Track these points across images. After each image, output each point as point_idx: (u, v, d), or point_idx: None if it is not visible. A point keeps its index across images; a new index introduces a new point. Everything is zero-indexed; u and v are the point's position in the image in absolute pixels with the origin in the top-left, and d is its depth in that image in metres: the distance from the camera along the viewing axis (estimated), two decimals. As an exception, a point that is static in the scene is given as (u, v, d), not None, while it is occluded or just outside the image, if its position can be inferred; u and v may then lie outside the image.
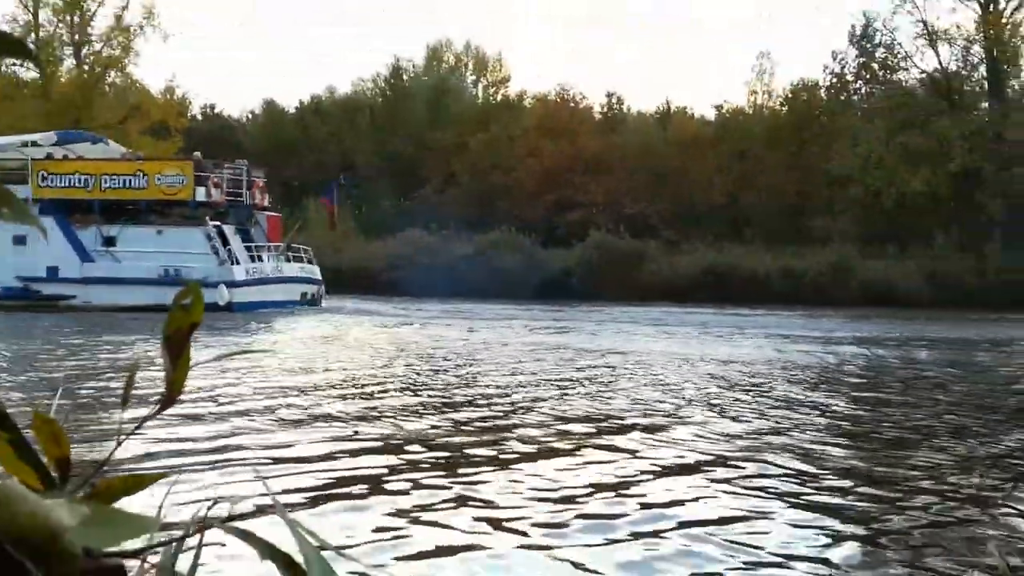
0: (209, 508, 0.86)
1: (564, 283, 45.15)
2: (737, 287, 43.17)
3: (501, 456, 8.61)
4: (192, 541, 0.79)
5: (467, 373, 16.42)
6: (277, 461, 7.66)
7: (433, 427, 10.02)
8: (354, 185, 53.09)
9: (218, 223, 33.99)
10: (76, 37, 53.21)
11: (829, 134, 50.92)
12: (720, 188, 51.92)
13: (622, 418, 10.55)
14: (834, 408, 11.70)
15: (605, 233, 47.02)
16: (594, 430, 9.54)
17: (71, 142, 37.68)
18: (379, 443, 9.00)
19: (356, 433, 9.32)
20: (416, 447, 8.90)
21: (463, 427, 10.38)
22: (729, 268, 45.00)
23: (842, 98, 53.34)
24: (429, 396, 12.89)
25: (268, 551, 0.73)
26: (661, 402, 11.94)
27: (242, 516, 0.79)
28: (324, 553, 0.78)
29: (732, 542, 5.45)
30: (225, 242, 33.76)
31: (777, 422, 10.19)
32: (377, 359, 18.46)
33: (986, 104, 49.12)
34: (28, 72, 52.62)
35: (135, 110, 52.98)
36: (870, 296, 41.59)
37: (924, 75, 50.27)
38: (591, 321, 28.49)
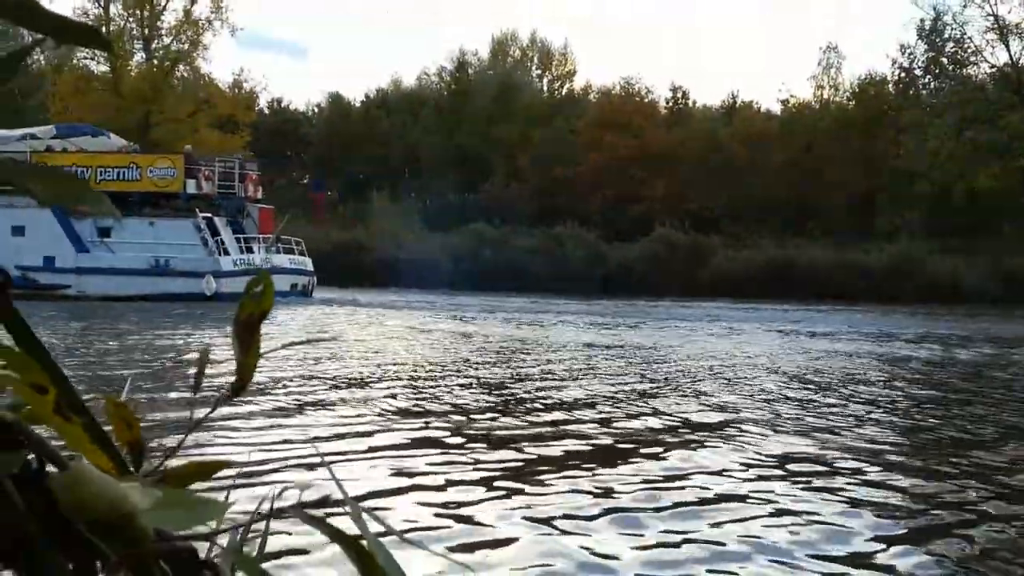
0: (277, 494, 0.85)
1: (627, 278, 44.61)
2: (800, 283, 42.83)
3: (563, 454, 7.92)
4: (259, 526, 0.79)
5: (527, 366, 15.21)
6: (341, 451, 7.29)
7: (495, 419, 9.45)
8: (418, 178, 53.37)
9: (209, 215, 33.92)
10: (146, 31, 53.61)
11: (897, 129, 50.95)
12: (786, 183, 51.69)
13: (688, 415, 9.79)
14: (901, 408, 11.01)
15: (669, 228, 46.79)
16: (663, 426, 8.94)
17: (71, 135, 37.84)
18: (441, 434, 8.45)
19: (421, 424, 8.80)
20: (476, 441, 8.33)
21: (525, 419, 9.65)
22: (793, 263, 44.97)
23: (911, 93, 53.18)
24: (490, 391, 11.80)
25: (336, 536, 0.73)
26: (722, 401, 11.10)
27: (309, 503, 0.79)
28: (388, 539, 0.79)
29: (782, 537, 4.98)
30: (215, 233, 33.64)
31: (840, 421, 9.52)
32: (429, 351, 17.24)
33: None
34: (99, 66, 53.09)
35: (204, 104, 53.34)
36: (937, 293, 41.28)
37: (995, 70, 50.04)
38: (655, 317, 27.57)
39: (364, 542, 0.71)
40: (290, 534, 2.82)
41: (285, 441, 7.24)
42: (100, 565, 0.66)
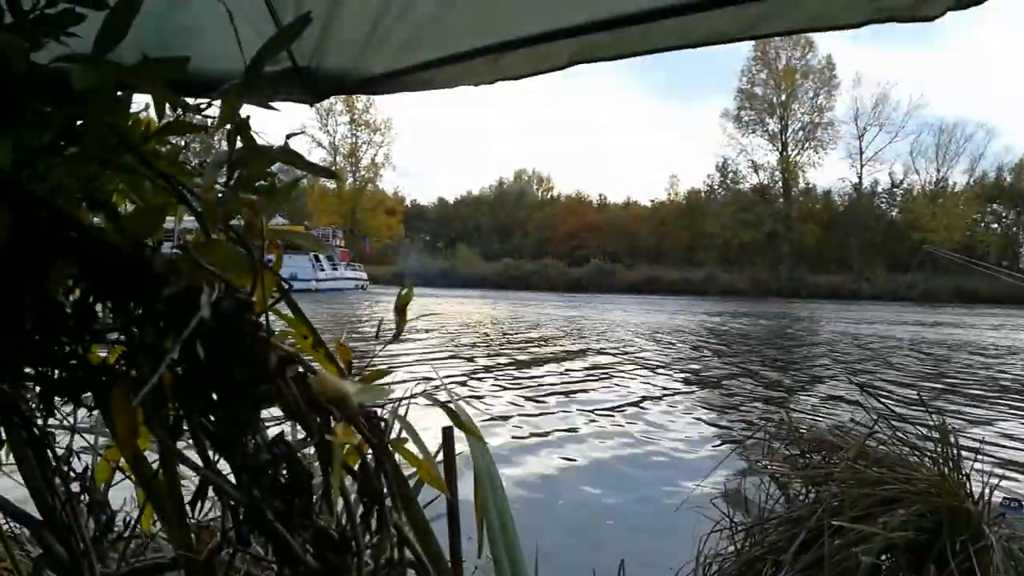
0: (414, 388, 1.01)
1: (577, 284, 54.04)
2: (661, 287, 51.62)
3: (534, 358, 10.56)
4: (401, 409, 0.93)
5: (524, 320, 19.57)
6: (433, 359, 9.07)
7: (503, 340, 13.07)
8: (479, 237, 64.85)
9: (316, 253, 40.21)
10: (353, 169, 65.39)
11: (705, 214, 60.93)
12: (652, 239, 62.76)
13: (592, 345, 12.82)
14: (698, 345, 12.58)
15: (597, 260, 58.36)
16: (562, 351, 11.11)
17: None
18: (476, 351, 10.58)
19: (466, 346, 11.27)
20: (491, 347, 12.27)
21: (519, 342, 13.07)
22: (657, 278, 53.59)
23: (712, 197, 63.55)
24: (502, 328, 15.90)
25: (444, 407, 0.93)
26: (614, 340, 13.32)
27: (430, 393, 0.96)
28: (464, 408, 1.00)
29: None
30: (318, 261, 41.26)
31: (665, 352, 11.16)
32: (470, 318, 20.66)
33: (781, 200, 60.31)
34: (331, 185, 65.13)
35: (380, 203, 65.55)
36: (729, 291, 49.43)
37: (751, 185, 61.64)
38: (588, 303, 31.93)
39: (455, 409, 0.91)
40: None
41: (416, 363, 8.75)
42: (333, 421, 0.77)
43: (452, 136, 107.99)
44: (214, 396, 0.75)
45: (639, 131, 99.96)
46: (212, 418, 0.76)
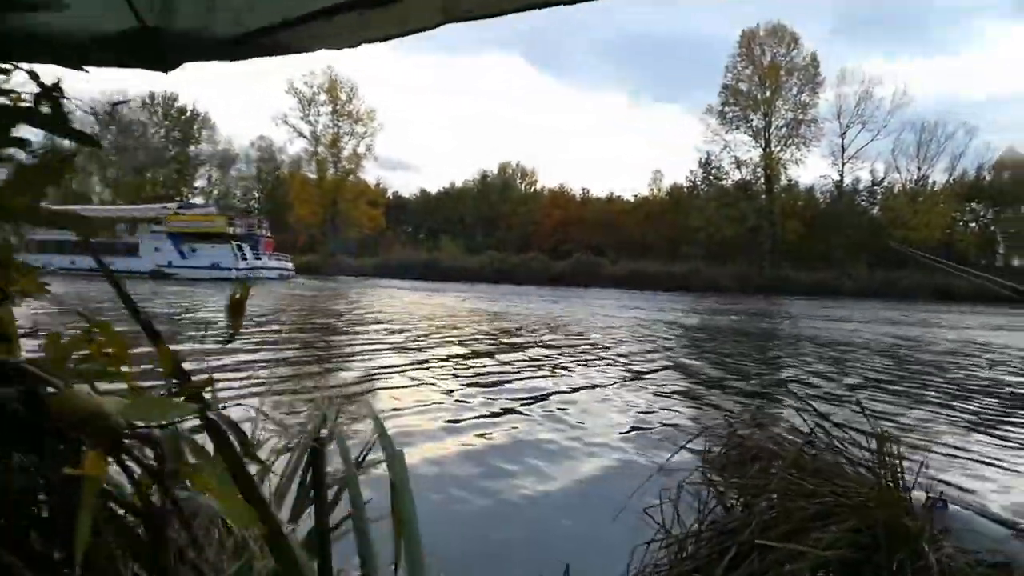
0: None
1: (560, 277, 53.78)
2: (645, 280, 50.94)
3: (519, 345, 11.51)
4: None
5: (509, 314, 19.88)
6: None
7: (482, 331, 15.96)
8: (462, 229, 65.34)
9: (239, 242, 43.41)
10: (335, 159, 65.85)
11: (688, 209, 61.01)
12: (635, 234, 62.46)
13: (578, 339, 13.06)
14: (674, 339, 12.87)
15: (580, 255, 57.85)
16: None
17: (189, 207, 48.45)
18: (449, 334, 12.34)
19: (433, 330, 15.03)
20: (469, 332, 16.09)
21: (499, 333, 14.24)
22: (641, 272, 53.06)
23: (695, 193, 63.71)
24: (486, 320, 18.51)
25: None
26: (595, 332, 13.69)
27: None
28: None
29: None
30: (241, 250, 43.00)
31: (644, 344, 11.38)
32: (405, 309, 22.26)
33: (764, 196, 60.19)
34: (312, 176, 65.90)
35: (361, 194, 65.54)
36: (712, 286, 49.54)
37: (734, 181, 61.83)
38: (572, 296, 34.11)
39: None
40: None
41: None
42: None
43: (435, 128, 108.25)
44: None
45: (622, 126, 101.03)
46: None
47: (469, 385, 7.00)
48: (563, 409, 5.86)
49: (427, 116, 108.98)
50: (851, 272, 51.15)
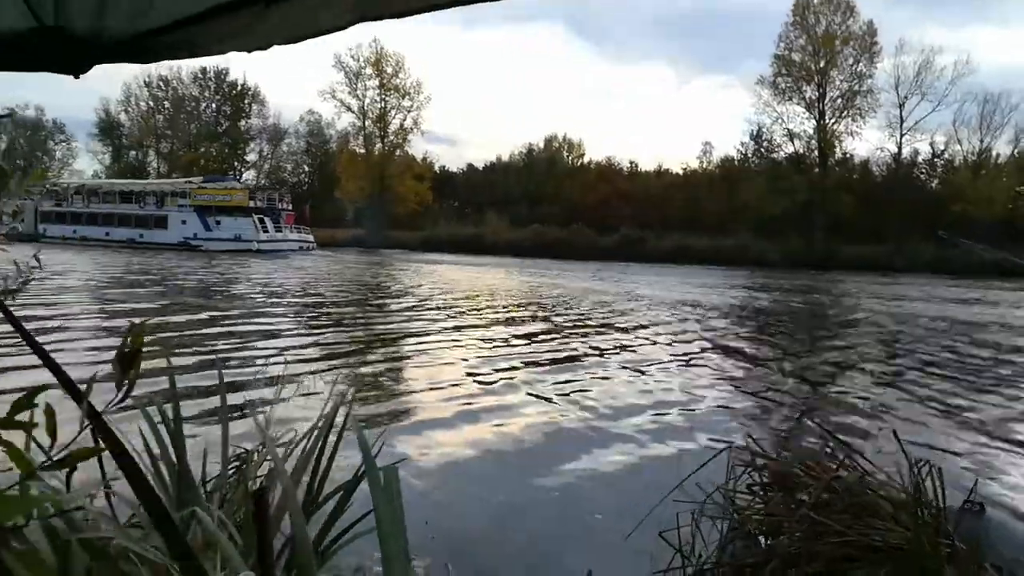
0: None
1: (606, 252, 52.43)
2: (692, 256, 50.31)
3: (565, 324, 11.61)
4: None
5: (550, 289, 20.20)
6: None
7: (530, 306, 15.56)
8: (509, 203, 64.34)
9: (261, 216, 44.42)
10: (382, 134, 65.72)
11: (738, 183, 58.79)
12: (684, 208, 60.17)
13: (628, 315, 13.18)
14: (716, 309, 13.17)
15: (627, 229, 56.33)
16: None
17: (213, 180, 49.15)
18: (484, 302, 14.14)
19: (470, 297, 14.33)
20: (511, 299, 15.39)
21: (544, 309, 15.16)
22: (689, 247, 52.18)
23: (746, 166, 62.12)
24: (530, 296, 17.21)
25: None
26: (639, 309, 13.78)
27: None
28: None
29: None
30: (262, 223, 44.13)
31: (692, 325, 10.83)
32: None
33: (817, 169, 57.94)
34: (360, 150, 65.97)
35: (409, 168, 65.41)
36: (760, 262, 48.32)
37: (787, 155, 59.70)
38: (619, 271, 33.18)
39: None
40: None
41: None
42: None
43: (483, 102, 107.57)
44: None
45: (672, 98, 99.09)
46: None
47: (491, 361, 6.84)
48: (588, 394, 5.64)
49: (474, 89, 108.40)
50: (906, 248, 49.21)
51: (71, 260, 26.48)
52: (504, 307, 13.31)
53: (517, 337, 9.21)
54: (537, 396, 5.57)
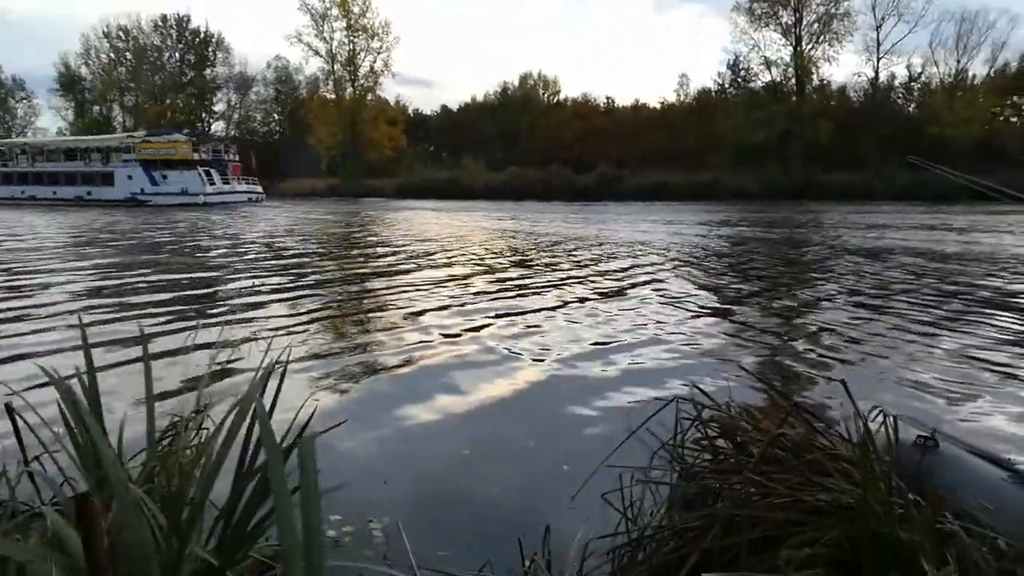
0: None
1: (584, 191, 53.01)
2: (668, 192, 50.71)
3: (549, 262, 11.54)
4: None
5: (532, 229, 20.21)
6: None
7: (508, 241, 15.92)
8: (484, 145, 64.04)
9: (207, 168, 44.60)
10: (352, 78, 64.95)
11: (716, 115, 59.11)
12: (661, 143, 60.12)
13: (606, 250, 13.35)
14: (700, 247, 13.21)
15: (603, 167, 56.49)
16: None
17: (156, 135, 48.37)
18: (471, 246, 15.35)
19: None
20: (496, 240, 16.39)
21: (523, 247, 16.40)
22: (666, 183, 52.18)
23: (723, 97, 62.03)
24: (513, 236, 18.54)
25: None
26: (617, 245, 14.15)
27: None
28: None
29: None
30: (209, 176, 44.32)
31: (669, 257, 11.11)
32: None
33: (794, 97, 58.46)
34: (330, 96, 65.07)
35: (381, 112, 64.68)
36: (739, 195, 48.89)
37: (763, 84, 60.05)
38: (595, 211, 32.72)
39: None
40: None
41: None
42: None
43: (456, 40, 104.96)
44: None
45: (649, 29, 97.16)
46: None
47: (455, 312, 6.65)
48: (548, 343, 5.42)
49: (446, 28, 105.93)
50: (884, 173, 49.00)
51: (25, 221, 25.85)
52: (472, 254, 12.97)
53: (486, 285, 8.97)
54: (497, 348, 5.34)
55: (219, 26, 78.95)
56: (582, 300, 7.56)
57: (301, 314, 6.66)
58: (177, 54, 72.99)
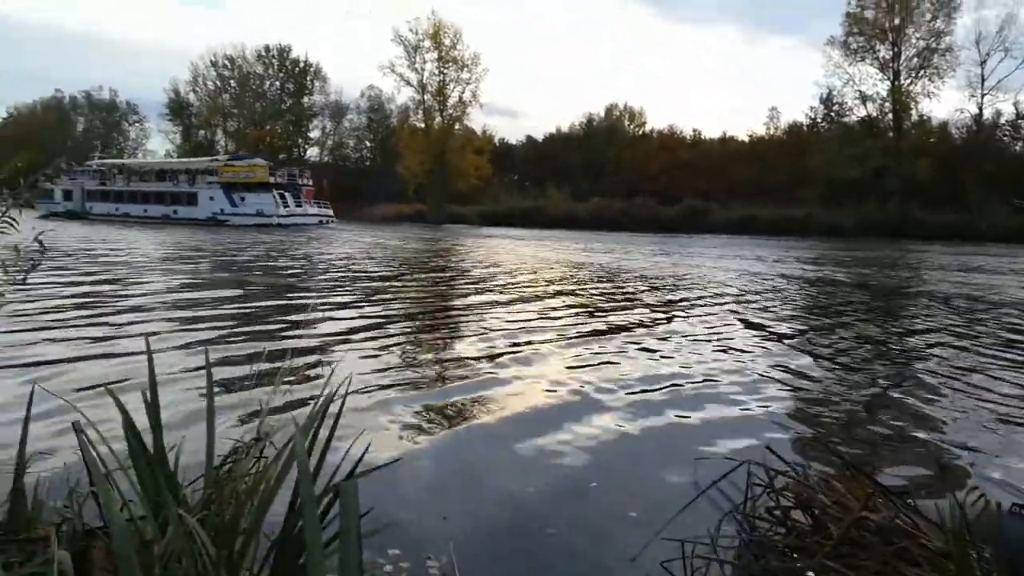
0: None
1: (669, 224, 53.73)
2: (755, 227, 50.72)
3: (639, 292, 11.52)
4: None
5: (617, 262, 19.55)
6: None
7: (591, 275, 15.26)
8: (567, 175, 64.09)
9: (282, 191, 46.69)
10: (441, 107, 66.38)
11: (808, 149, 58.36)
12: (750, 176, 59.50)
13: (692, 290, 11.61)
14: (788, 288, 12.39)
15: (690, 199, 56.86)
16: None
17: (238, 159, 51.42)
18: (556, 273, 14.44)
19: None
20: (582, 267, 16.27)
21: (601, 278, 15.83)
22: (755, 217, 52.34)
23: (815, 131, 61.29)
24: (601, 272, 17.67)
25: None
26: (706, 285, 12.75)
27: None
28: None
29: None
30: (283, 199, 46.41)
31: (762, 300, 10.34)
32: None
33: (891, 133, 57.30)
34: (420, 125, 66.34)
35: (468, 141, 65.90)
36: (831, 231, 48.09)
37: (859, 118, 59.24)
38: (680, 244, 32.42)
39: None
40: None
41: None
42: None
43: (542, 72, 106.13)
44: None
45: (738, 62, 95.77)
46: None
47: (525, 335, 6.43)
48: (618, 381, 5.16)
49: (533, 60, 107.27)
50: (987, 214, 46.56)
51: (123, 236, 26.93)
52: (547, 283, 12.81)
53: (559, 315, 8.73)
54: (567, 382, 5.16)
55: (318, 56, 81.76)
56: (658, 337, 7.28)
57: (369, 339, 6.64)
58: (278, 82, 76.44)
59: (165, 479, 1.66)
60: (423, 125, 64.53)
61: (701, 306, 10.11)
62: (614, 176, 62.86)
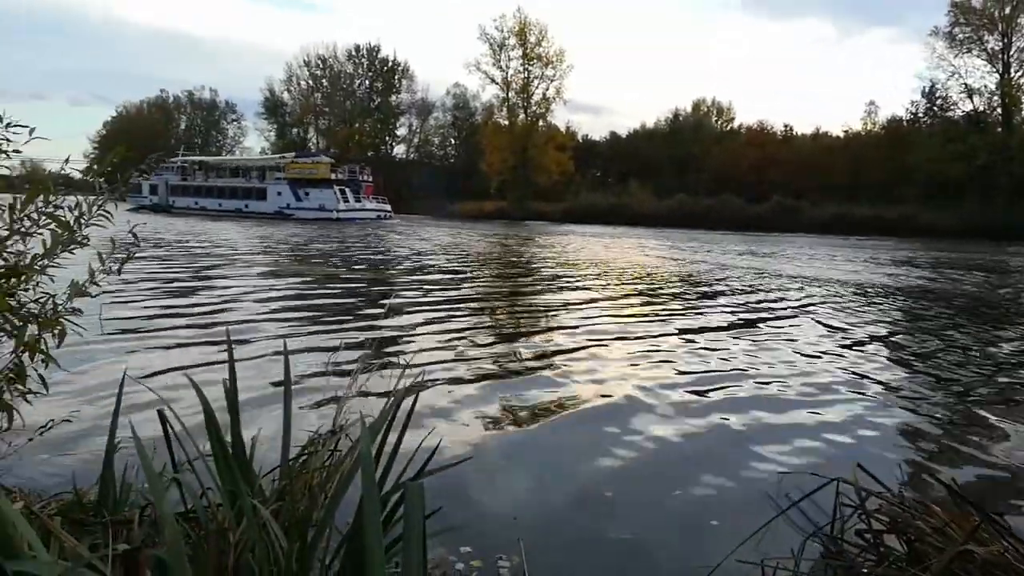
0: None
1: (756, 222, 51.27)
2: (851, 226, 47.86)
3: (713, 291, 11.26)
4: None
5: (704, 257, 20.81)
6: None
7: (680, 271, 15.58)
8: (648, 172, 62.94)
9: (343, 187, 49.17)
10: (525, 104, 66.46)
11: (907, 145, 54.99)
12: (843, 173, 57.29)
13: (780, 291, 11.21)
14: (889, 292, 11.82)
15: (779, 197, 54.62)
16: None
17: (302, 156, 54.09)
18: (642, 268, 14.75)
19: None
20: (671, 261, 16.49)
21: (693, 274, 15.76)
22: (846, 216, 49.73)
23: (916, 126, 58.05)
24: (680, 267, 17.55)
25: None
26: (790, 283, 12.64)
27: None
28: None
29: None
30: (343, 194, 48.75)
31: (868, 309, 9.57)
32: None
33: (999, 129, 53.37)
34: (504, 122, 66.84)
35: (551, 138, 65.47)
36: (931, 232, 45.55)
37: (964, 113, 55.53)
38: (769, 243, 31.99)
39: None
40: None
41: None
42: None
43: (627, 68, 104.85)
44: None
45: (832, 55, 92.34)
46: None
47: (592, 338, 6.29)
48: (697, 392, 4.94)
49: (618, 55, 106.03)
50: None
51: (204, 227, 28.49)
52: (625, 281, 12.56)
53: (635, 315, 8.49)
54: (646, 385, 4.99)
55: (405, 55, 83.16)
56: (740, 338, 7.02)
57: (442, 331, 6.66)
58: (367, 81, 78.01)
59: (241, 469, 1.68)
60: (507, 122, 64.79)
61: (787, 311, 9.62)
62: (700, 172, 61.69)
